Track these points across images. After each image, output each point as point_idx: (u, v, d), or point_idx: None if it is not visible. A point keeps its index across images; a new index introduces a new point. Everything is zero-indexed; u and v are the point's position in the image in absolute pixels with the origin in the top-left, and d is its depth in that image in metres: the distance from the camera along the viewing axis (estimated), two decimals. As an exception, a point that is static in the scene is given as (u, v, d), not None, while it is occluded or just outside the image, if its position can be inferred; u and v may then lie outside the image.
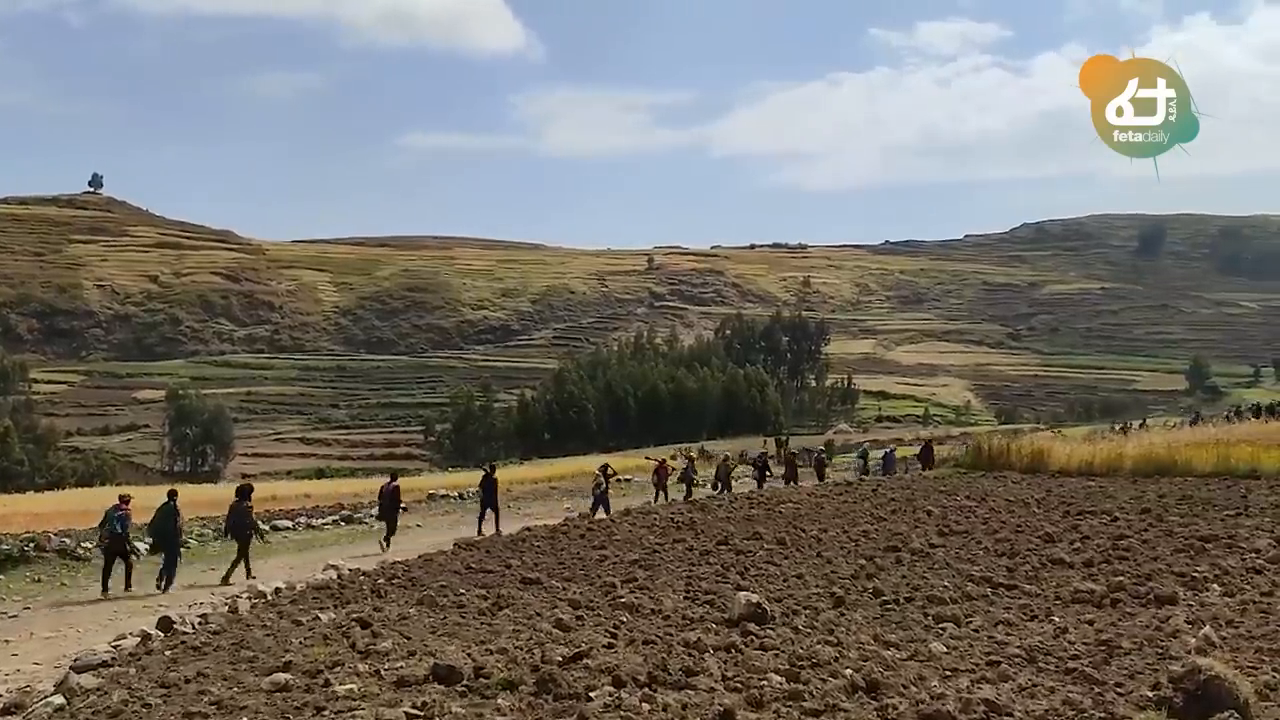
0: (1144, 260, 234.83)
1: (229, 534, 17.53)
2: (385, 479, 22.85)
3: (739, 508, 21.88)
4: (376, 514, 23.37)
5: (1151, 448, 27.41)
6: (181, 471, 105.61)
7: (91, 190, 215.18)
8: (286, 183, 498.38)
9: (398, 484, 22.05)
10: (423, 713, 6.37)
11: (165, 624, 11.01)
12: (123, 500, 16.36)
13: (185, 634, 10.45)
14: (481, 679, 7.20)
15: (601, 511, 23.73)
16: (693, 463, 32.86)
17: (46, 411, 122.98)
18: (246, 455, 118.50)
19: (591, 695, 6.78)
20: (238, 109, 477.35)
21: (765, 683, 7.01)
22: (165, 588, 15.75)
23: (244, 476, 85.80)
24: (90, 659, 9.22)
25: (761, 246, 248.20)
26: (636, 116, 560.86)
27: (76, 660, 9.28)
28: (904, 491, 23.85)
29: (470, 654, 7.98)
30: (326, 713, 6.55)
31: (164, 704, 7.19)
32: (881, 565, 12.95)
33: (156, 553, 16.52)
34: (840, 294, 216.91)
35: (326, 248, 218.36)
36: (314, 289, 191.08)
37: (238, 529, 17.05)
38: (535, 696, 6.82)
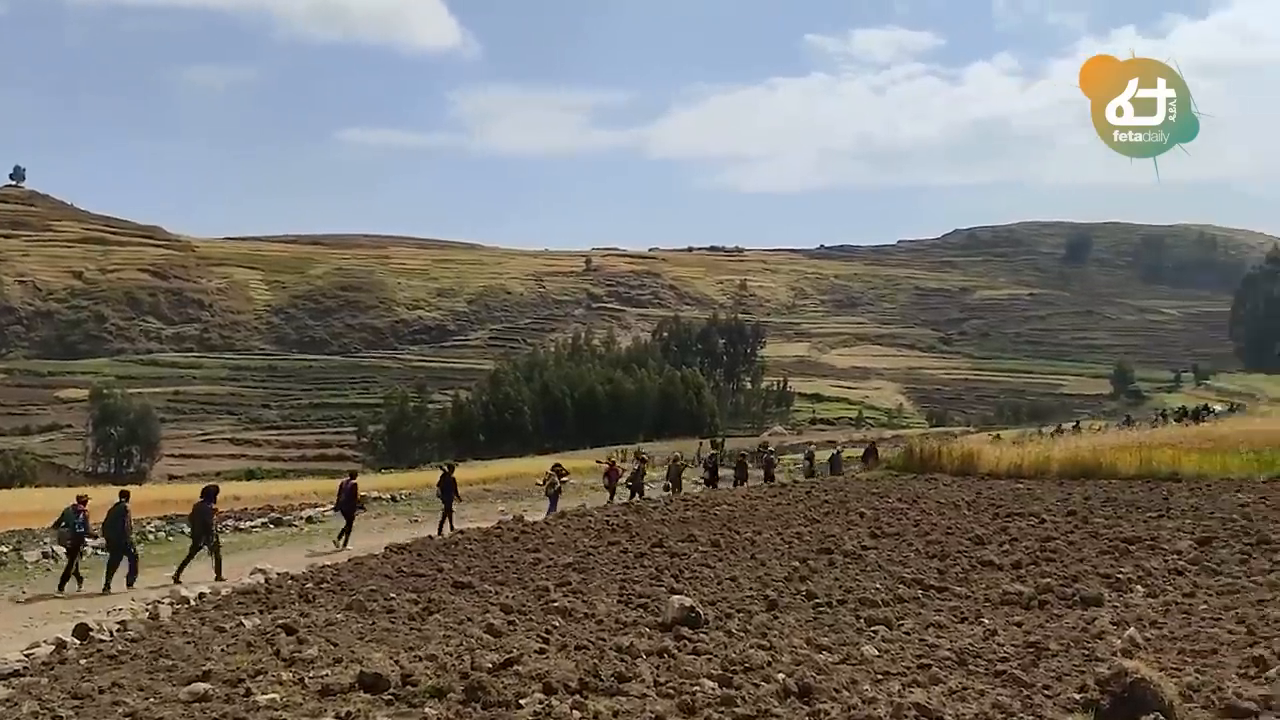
0: (1071, 267, 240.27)
1: (194, 533, 17.78)
2: (344, 478, 23.15)
3: (674, 510, 21.86)
4: (334, 509, 23.56)
5: (1077, 451, 27.92)
6: (105, 473, 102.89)
7: (13, 183, 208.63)
8: (217, 178, 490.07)
9: (356, 482, 22.54)
10: (347, 723, 6.22)
11: (81, 631, 10.67)
12: (80, 500, 16.79)
13: (102, 641, 10.13)
14: (409, 687, 7.06)
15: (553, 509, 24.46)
16: (644, 464, 32.84)
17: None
18: (174, 456, 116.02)
19: (522, 703, 6.68)
20: (167, 102, 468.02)
21: (698, 688, 6.96)
22: (119, 583, 15.79)
23: (171, 478, 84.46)
24: (0, 668, 8.89)
25: (699, 249, 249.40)
26: (574, 116, 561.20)
27: (-15, 670, 8.95)
28: (837, 494, 24.02)
29: (398, 661, 7.82)
30: (247, 723, 6.37)
31: (76, 716, 6.94)
32: (814, 567, 12.99)
33: (113, 552, 16.60)
34: (776, 297, 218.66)
35: (258, 245, 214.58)
36: (245, 287, 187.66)
37: (203, 529, 17.19)
38: (464, 705, 6.69)
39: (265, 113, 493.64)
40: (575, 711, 6.46)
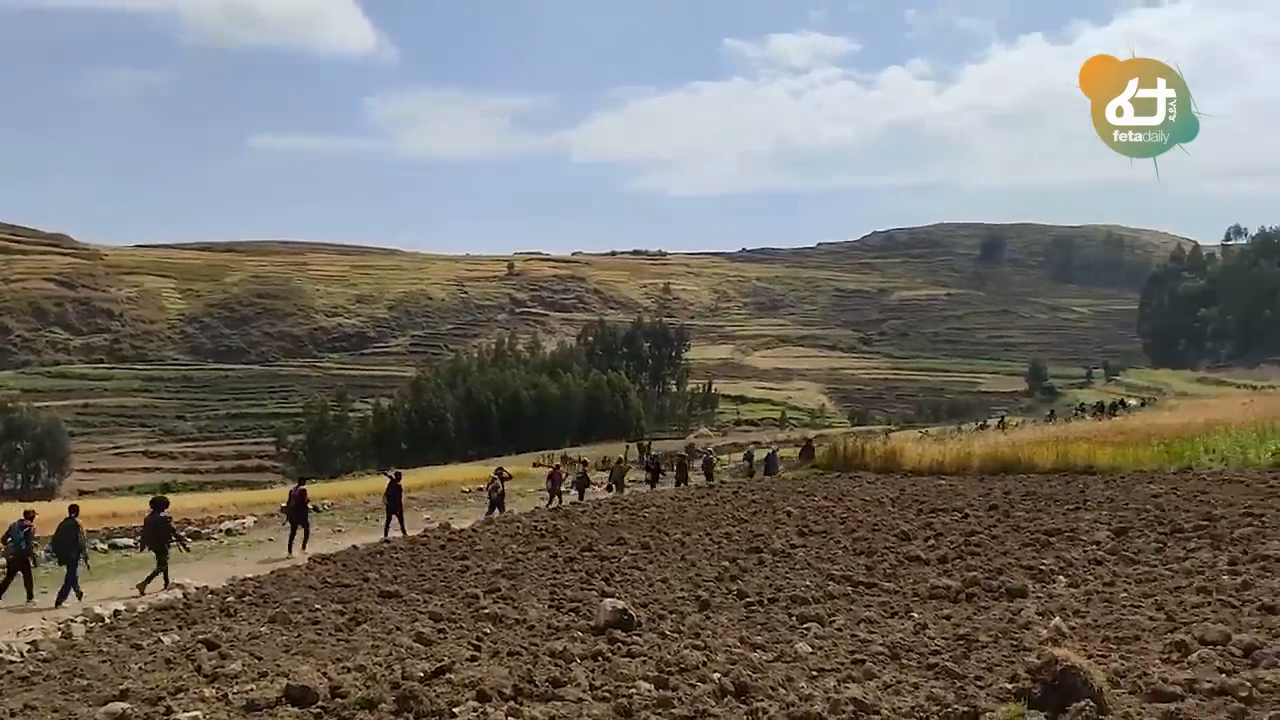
0: (985, 268, 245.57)
1: (144, 547, 17.73)
2: (294, 484, 23.79)
3: (603, 513, 21.79)
4: (285, 517, 23.43)
5: (997, 447, 28.51)
6: (12, 489, 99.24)
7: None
8: (126, 185, 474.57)
9: (305, 488, 22.88)
10: (274, 738, 6.04)
11: (-12, 653, 10.22)
12: (27, 515, 16.66)
13: (12, 663, 9.72)
14: (338, 699, 6.88)
15: (497, 511, 25.22)
16: (587, 467, 33.31)
17: None
18: (84, 471, 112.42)
19: (455, 711, 6.56)
20: (72, 106, 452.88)
21: (634, 690, 6.91)
22: (60, 601, 15.44)
23: (81, 494, 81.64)
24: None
25: (622, 253, 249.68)
26: (495, 121, 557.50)
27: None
28: (763, 493, 24.17)
29: (326, 673, 7.63)
30: (168, 743, 6.14)
31: (-15, 741, 6.63)
32: (744, 567, 13.03)
33: (62, 565, 16.40)
34: (699, 300, 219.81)
35: (170, 253, 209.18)
36: (157, 296, 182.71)
37: (156, 540, 17.02)
38: (396, 715, 6.55)
39: (176, 117, 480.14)
40: (510, 718, 6.37)
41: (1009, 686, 6.35)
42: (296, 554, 19.73)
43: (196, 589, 14.67)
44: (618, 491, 30.37)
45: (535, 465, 51.84)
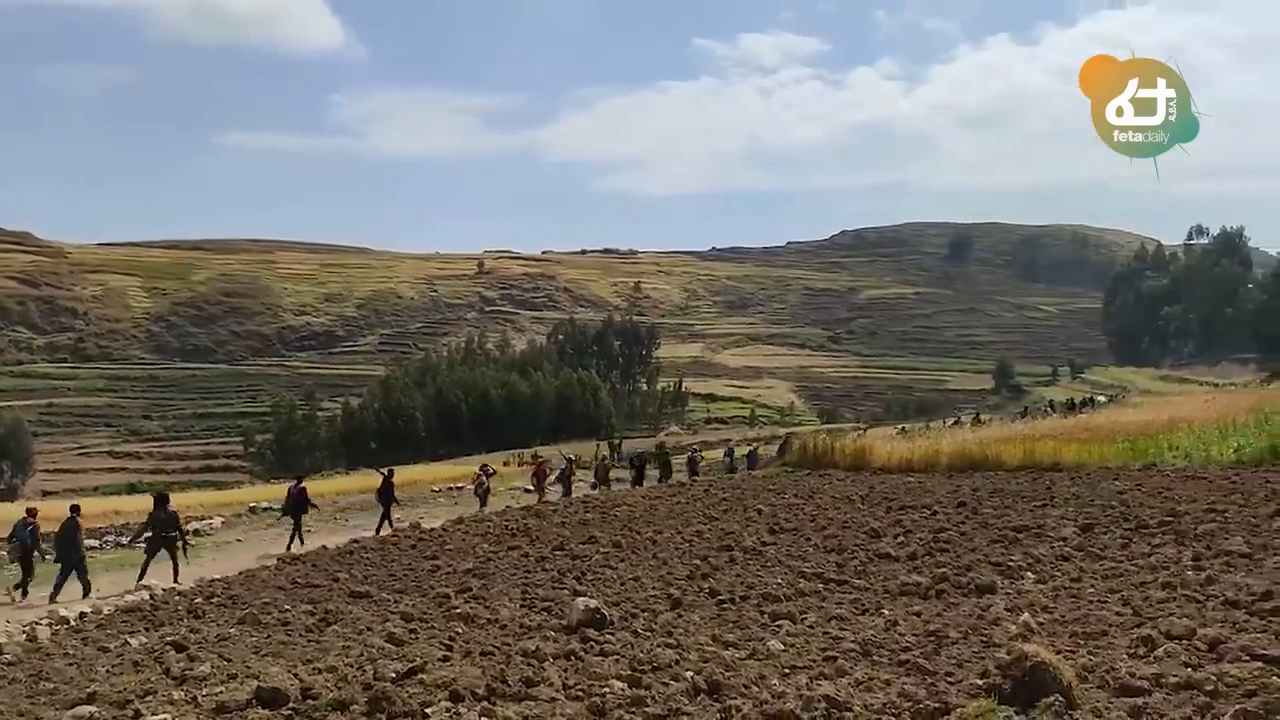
0: (953, 267, 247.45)
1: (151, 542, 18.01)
2: (292, 482, 24.19)
3: (574, 512, 21.78)
4: (281, 513, 24.40)
5: (965, 444, 28.72)
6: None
7: None
8: (91, 182, 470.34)
9: (304, 485, 23.35)
10: (245, 740, 5.99)
11: (-49, 657, 10.07)
12: (30, 514, 17.24)
13: (-25, 667, 9.58)
14: (309, 700, 6.83)
15: (481, 507, 26.14)
16: (571, 464, 33.50)
17: None
18: (48, 471, 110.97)
19: (428, 712, 6.53)
20: (35, 102, 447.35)
21: (607, 689, 6.91)
22: (56, 593, 15.71)
23: (45, 494, 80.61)
24: None
25: (593, 252, 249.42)
26: (464, 119, 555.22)
27: None
28: (734, 491, 24.23)
29: (297, 674, 7.59)
30: (137, 746, 6.08)
31: (-52, 747, 6.54)
32: (716, 565, 13.06)
33: (57, 564, 16.68)
34: (670, 299, 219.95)
35: (136, 251, 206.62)
36: (123, 294, 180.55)
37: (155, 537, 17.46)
38: (368, 716, 6.52)
39: (142, 114, 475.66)
40: (484, 718, 6.35)
41: (979, 682, 6.40)
42: (296, 550, 20.04)
43: (164, 590, 14.53)
44: (604, 488, 30.66)
45: (504, 465, 51.70)
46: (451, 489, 39.55)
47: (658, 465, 36.03)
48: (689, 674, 7.20)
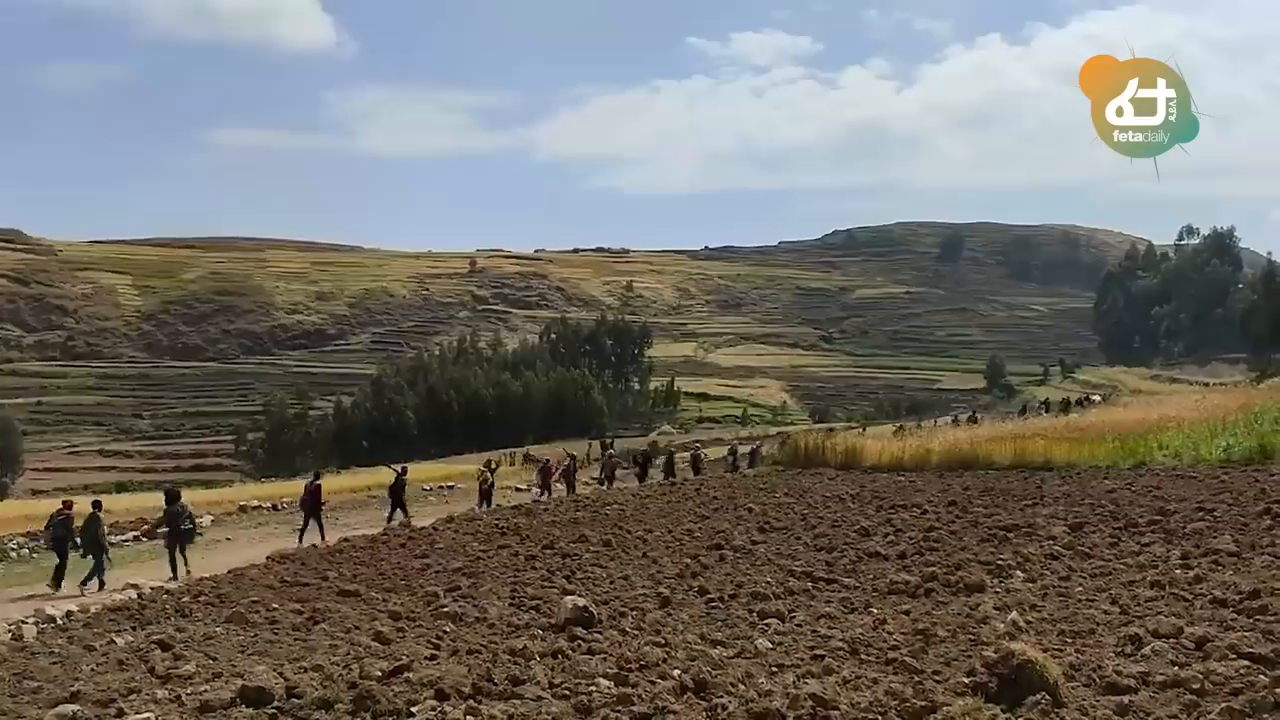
0: (945, 266, 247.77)
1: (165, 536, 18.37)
2: (309, 478, 24.38)
3: (565, 511, 21.76)
4: (300, 508, 24.23)
5: (955, 443, 28.79)
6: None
7: None
8: (81, 180, 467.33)
9: (320, 483, 23.35)
10: (228, 739, 5.95)
11: (-64, 656, 10.00)
12: (66, 505, 17.73)
13: (-41, 666, 9.51)
14: (294, 699, 6.80)
15: (486, 504, 25.87)
16: (574, 461, 33.62)
17: None
18: (37, 470, 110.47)
19: (413, 710, 6.50)
20: (25, 99, 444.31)
21: (594, 688, 6.89)
22: (83, 586, 16.06)
23: (35, 493, 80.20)
24: None
25: (585, 251, 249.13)
26: (457, 117, 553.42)
27: None
28: (725, 490, 24.24)
29: (282, 673, 7.55)
30: (119, 745, 6.04)
31: (-71, 746, 6.49)
32: (706, 563, 13.05)
33: (84, 557, 17.00)
34: (662, 298, 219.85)
35: (127, 248, 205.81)
36: (113, 292, 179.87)
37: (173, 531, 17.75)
38: (353, 715, 6.49)
39: (132, 112, 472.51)
40: (469, 717, 6.32)
41: (966, 681, 6.39)
42: (314, 544, 19.97)
43: (152, 589, 14.45)
44: (609, 485, 30.81)
45: (495, 464, 51.75)
46: (442, 488, 39.41)
47: (663, 463, 36.22)
48: (676, 672, 7.18)
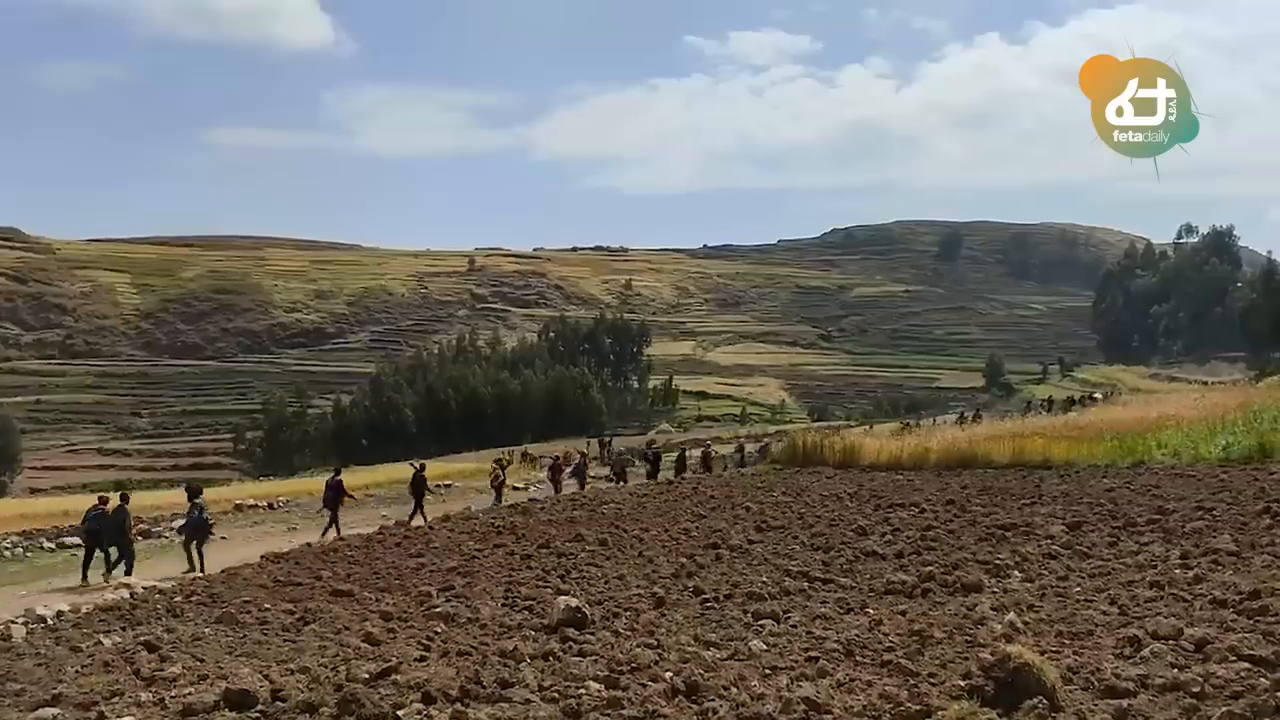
0: (944, 265, 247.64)
1: (183, 532, 19.13)
2: (330, 474, 25.12)
3: (561, 510, 21.66)
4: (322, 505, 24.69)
5: (954, 442, 28.67)
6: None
7: None
8: (80, 179, 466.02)
9: (341, 478, 23.82)
10: (210, 744, 5.85)
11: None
12: (101, 500, 18.34)
13: (-56, 668, 9.40)
14: (279, 702, 6.70)
15: (498, 500, 26.64)
16: (584, 458, 33.84)
17: None
18: (36, 468, 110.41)
19: (399, 714, 6.40)
20: (23, 98, 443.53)
21: (584, 691, 6.78)
22: (110, 573, 17.18)
23: (33, 492, 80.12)
24: None
25: (584, 249, 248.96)
26: (455, 116, 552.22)
27: None
28: (723, 489, 24.13)
29: (269, 675, 7.45)
30: (99, 750, 5.93)
31: (-93, 750, 6.39)
32: (702, 563, 12.95)
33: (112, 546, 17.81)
34: (661, 297, 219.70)
35: (125, 247, 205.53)
36: (112, 290, 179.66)
37: (194, 528, 18.37)
38: (337, 718, 6.38)
39: (130, 110, 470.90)
40: (455, 721, 6.22)
41: (962, 684, 6.29)
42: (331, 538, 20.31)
43: (144, 589, 14.34)
44: (620, 483, 31.05)
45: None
46: (439, 486, 39.31)
47: (674, 461, 36.51)
48: (668, 675, 7.07)
